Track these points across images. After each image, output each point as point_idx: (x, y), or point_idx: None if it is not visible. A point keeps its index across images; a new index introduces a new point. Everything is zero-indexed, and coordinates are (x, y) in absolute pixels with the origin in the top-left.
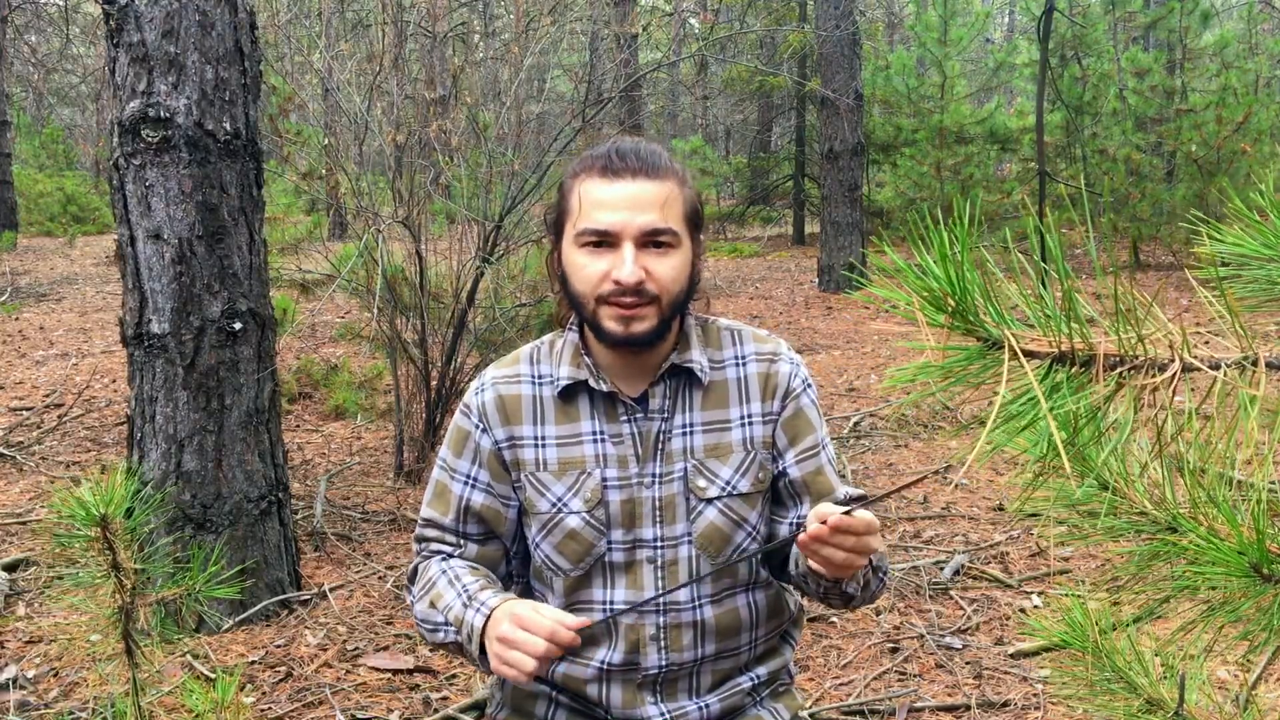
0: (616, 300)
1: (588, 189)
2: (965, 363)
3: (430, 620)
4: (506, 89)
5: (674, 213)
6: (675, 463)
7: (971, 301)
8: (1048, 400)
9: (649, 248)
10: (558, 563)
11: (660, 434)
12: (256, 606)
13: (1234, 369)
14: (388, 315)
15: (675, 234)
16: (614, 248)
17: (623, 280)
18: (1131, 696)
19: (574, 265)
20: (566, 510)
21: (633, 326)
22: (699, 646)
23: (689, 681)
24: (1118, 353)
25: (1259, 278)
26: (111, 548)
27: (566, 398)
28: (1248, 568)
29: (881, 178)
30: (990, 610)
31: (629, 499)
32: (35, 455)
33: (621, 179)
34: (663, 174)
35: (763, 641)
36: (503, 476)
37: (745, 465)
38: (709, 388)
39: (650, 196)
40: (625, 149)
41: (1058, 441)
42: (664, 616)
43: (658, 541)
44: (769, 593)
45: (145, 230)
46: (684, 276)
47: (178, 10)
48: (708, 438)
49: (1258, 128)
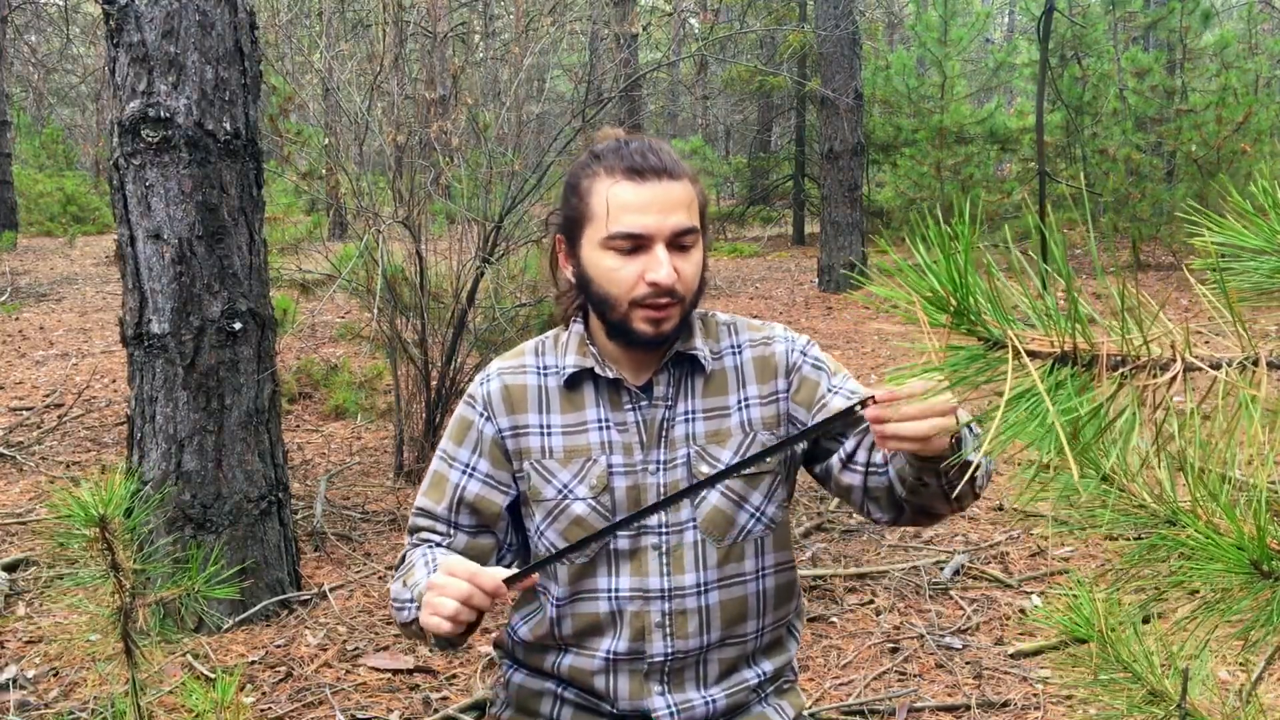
0: (653, 302)
1: (616, 192)
2: (967, 363)
3: (399, 599)
4: (506, 89)
5: (694, 212)
6: (679, 449)
7: (973, 301)
8: (1050, 400)
9: (675, 249)
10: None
11: (664, 421)
12: (256, 606)
13: (1235, 369)
14: (388, 315)
15: (697, 233)
16: (645, 250)
17: (661, 282)
18: (1135, 688)
19: (602, 269)
20: (572, 497)
21: (663, 327)
22: (705, 633)
23: (696, 671)
24: (1120, 353)
25: (1251, 269)
26: (110, 548)
27: (572, 386)
28: (1247, 564)
29: (881, 178)
30: (990, 610)
31: (634, 485)
32: (35, 455)
33: (648, 181)
34: (681, 174)
35: (769, 631)
36: (503, 464)
37: (745, 447)
38: (710, 376)
39: (676, 198)
40: (644, 149)
41: (1063, 441)
42: (669, 603)
43: (662, 528)
44: (778, 580)
45: (145, 230)
46: (700, 273)
47: (178, 10)
48: (709, 424)
49: (1258, 128)
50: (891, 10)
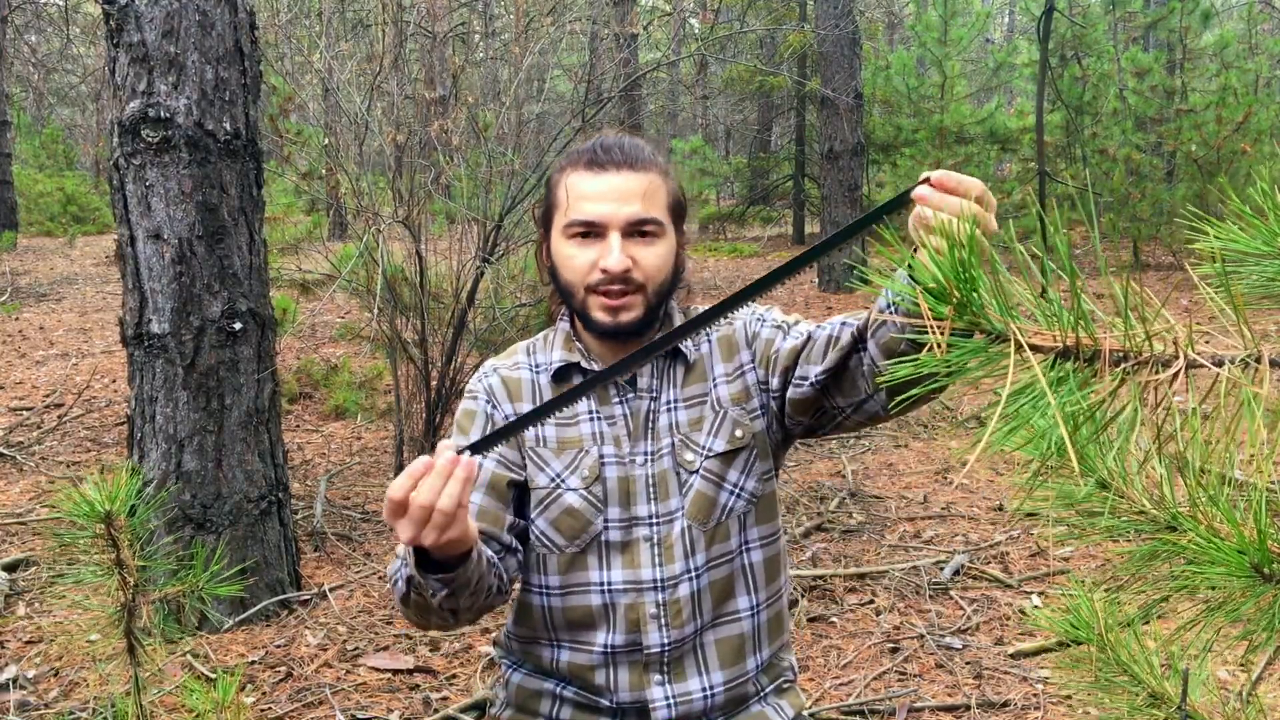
0: (605, 289)
1: (573, 182)
2: (969, 356)
3: (390, 575)
4: (506, 89)
5: (657, 203)
6: (663, 439)
7: (976, 294)
8: (1053, 394)
9: (634, 237)
10: (553, 539)
11: (649, 413)
12: (257, 606)
13: (1238, 366)
14: (388, 315)
15: (659, 223)
16: (601, 238)
17: (610, 268)
18: (1135, 690)
19: (563, 256)
20: (565, 486)
21: (620, 316)
22: (697, 616)
23: (695, 657)
24: (1122, 348)
25: (1255, 273)
26: (115, 544)
27: (560, 381)
28: (1248, 567)
29: (881, 178)
30: (990, 610)
31: (624, 476)
32: (35, 455)
33: (606, 171)
34: (645, 165)
35: (765, 608)
36: (512, 443)
37: (716, 426)
38: (692, 366)
39: (634, 187)
40: (609, 143)
41: (1065, 436)
42: (663, 593)
43: (653, 518)
44: (764, 554)
45: (145, 230)
46: (669, 265)
47: (178, 10)
48: (690, 412)
49: (1258, 128)
50: (891, 10)
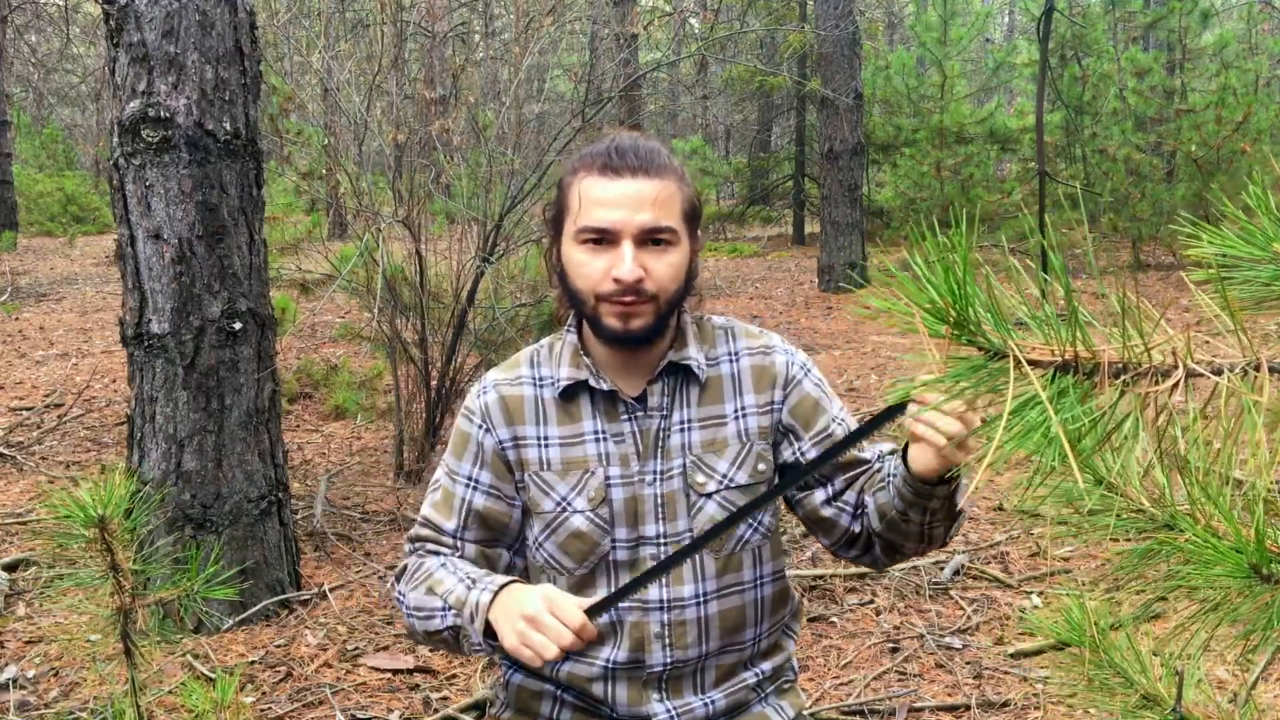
0: (617, 299)
1: (587, 186)
2: (968, 373)
3: (425, 607)
4: (506, 89)
5: (672, 211)
6: (674, 459)
7: (973, 312)
8: (1053, 408)
9: (647, 245)
10: (562, 562)
11: (660, 431)
12: (256, 606)
13: (1237, 374)
14: (388, 315)
15: (674, 231)
16: (613, 245)
17: (622, 278)
18: (1129, 692)
19: (574, 262)
20: (571, 509)
21: (631, 323)
22: (703, 643)
23: (694, 679)
24: (1121, 360)
25: (1250, 279)
26: (110, 548)
27: (567, 398)
28: (1247, 567)
29: (881, 178)
30: (990, 610)
31: (632, 496)
32: (35, 455)
33: (621, 177)
34: (661, 172)
35: (766, 637)
36: (506, 476)
37: (741, 457)
38: (705, 384)
39: (649, 194)
40: (624, 146)
41: (1067, 449)
42: (668, 614)
43: (660, 539)
44: (775, 588)
45: (145, 230)
46: (681, 274)
47: (178, 10)
48: (704, 433)
49: (1257, 128)
50: (891, 10)
